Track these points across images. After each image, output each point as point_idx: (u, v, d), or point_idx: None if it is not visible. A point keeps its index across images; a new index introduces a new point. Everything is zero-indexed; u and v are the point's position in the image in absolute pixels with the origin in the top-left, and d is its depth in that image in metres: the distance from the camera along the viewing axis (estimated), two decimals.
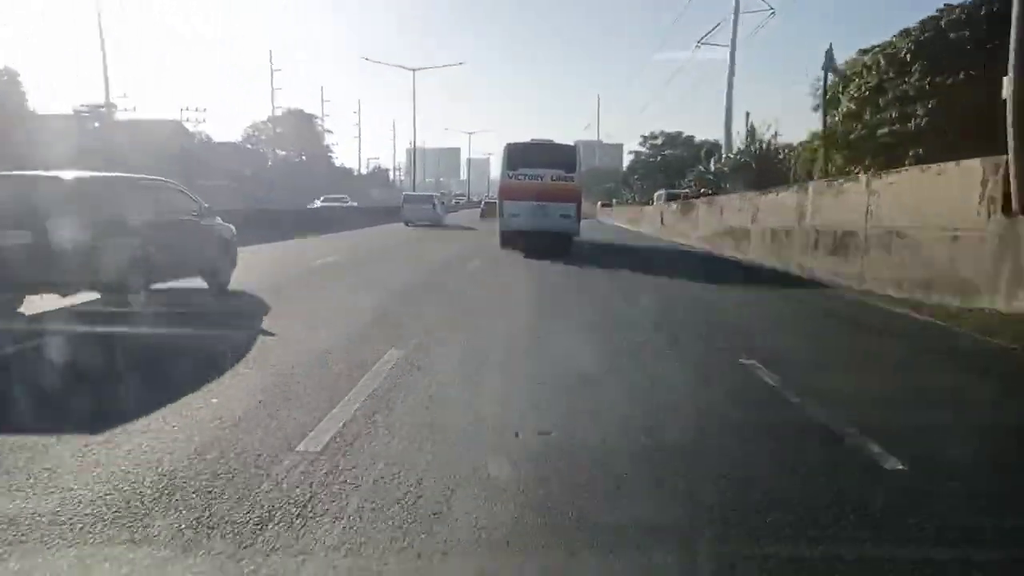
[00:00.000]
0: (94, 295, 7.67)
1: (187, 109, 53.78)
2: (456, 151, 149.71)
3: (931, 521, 2.58)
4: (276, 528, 2.41)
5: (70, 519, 2.43)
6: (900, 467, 3.10)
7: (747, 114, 32.45)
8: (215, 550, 2.23)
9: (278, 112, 64.26)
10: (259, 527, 2.41)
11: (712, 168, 28.92)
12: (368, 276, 11.84)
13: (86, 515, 2.47)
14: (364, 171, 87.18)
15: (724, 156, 28.64)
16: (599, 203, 67.02)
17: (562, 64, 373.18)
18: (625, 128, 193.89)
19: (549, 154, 16.83)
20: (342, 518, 2.50)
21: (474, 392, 4.45)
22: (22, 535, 2.33)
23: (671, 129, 67.91)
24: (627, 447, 3.35)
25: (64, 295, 7.75)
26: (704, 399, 4.38)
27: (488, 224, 25.79)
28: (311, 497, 2.67)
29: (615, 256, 17.05)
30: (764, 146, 27.06)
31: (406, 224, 31.55)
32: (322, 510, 2.57)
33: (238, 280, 9.86)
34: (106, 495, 2.64)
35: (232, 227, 10.60)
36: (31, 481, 2.76)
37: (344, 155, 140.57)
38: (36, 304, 7.55)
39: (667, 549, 2.37)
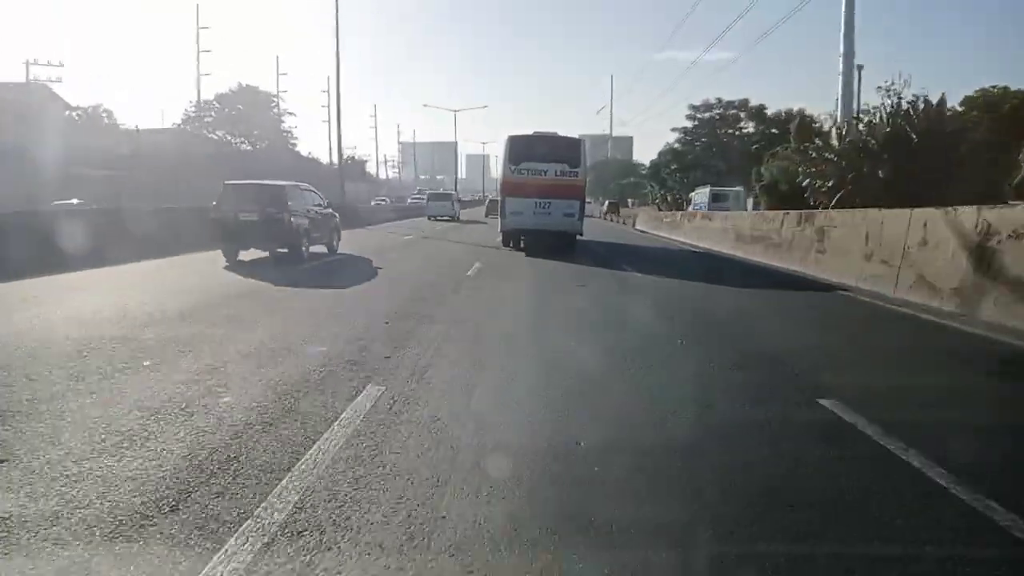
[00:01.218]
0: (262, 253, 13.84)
1: (36, 63, 36.83)
2: (453, 145, 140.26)
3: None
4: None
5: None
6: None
7: (859, 68, 22.30)
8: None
9: (222, 88, 56.05)
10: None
11: (836, 144, 17.84)
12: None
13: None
14: (341, 160, 77.03)
15: (859, 122, 18.16)
16: (606, 202, 59.67)
17: (565, 49, 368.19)
18: (635, 124, 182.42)
19: (553, 148, 16.58)
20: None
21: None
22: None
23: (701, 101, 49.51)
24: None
25: (264, 251, 13.89)
26: None
27: (495, 220, 31.86)
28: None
29: None
30: (922, 109, 16.19)
31: (429, 218, 37.62)
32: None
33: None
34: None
35: (337, 215, 16.79)
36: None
37: (312, 145, 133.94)
38: (244, 255, 13.46)
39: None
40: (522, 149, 16.46)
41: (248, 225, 13.04)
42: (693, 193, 35.58)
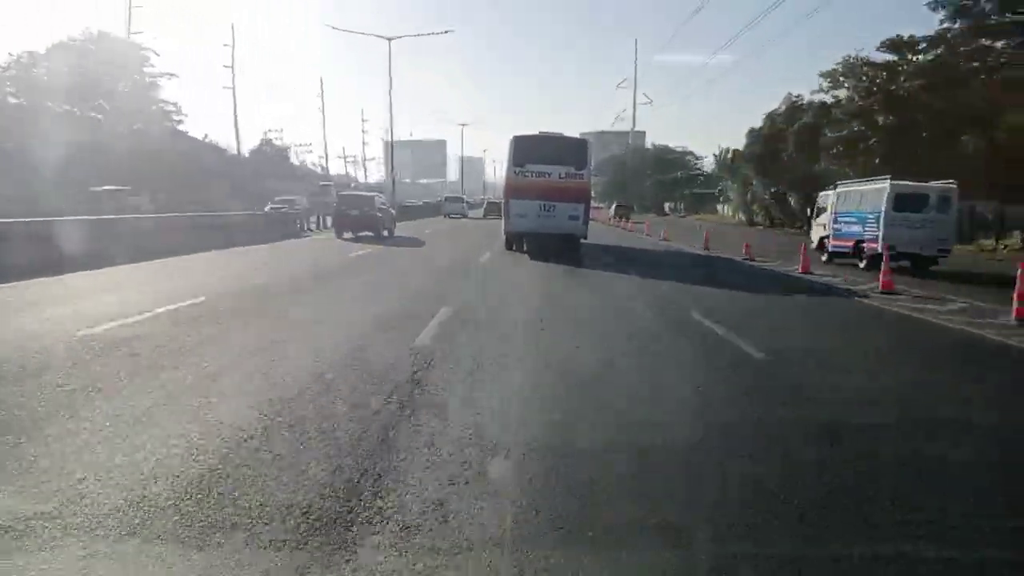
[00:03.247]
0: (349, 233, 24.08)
1: None
2: (441, 144, 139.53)
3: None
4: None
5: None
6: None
7: None
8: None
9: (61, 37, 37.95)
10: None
11: None
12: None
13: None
14: (271, 150, 58.97)
15: None
16: (614, 205, 52.42)
17: (564, 49, 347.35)
18: (658, 103, 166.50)
19: (558, 149, 16.88)
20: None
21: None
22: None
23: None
24: None
25: (356, 234, 24.07)
26: None
27: (493, 218, 41.26)
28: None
29: None
30: None
31: (445, 216, 49.10)
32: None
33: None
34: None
35: (393, 210, 27.11)
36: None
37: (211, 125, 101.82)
38: (346, 235, 23.62)
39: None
40: (527, 150, 16.84)
41: (354, 217, 23.46)
42: (833, 192, 19.43)
